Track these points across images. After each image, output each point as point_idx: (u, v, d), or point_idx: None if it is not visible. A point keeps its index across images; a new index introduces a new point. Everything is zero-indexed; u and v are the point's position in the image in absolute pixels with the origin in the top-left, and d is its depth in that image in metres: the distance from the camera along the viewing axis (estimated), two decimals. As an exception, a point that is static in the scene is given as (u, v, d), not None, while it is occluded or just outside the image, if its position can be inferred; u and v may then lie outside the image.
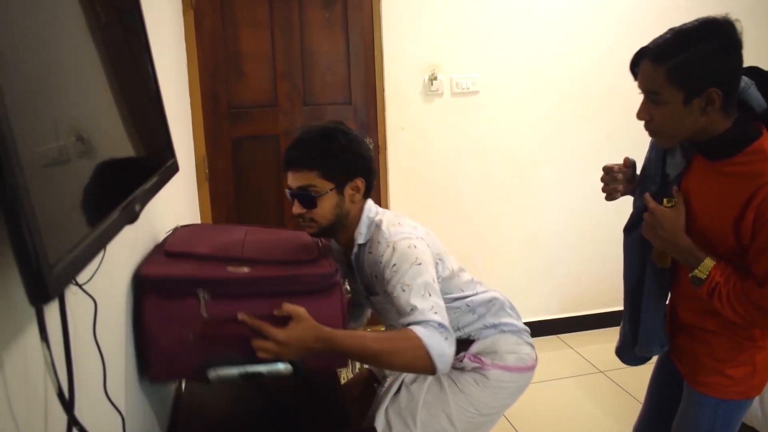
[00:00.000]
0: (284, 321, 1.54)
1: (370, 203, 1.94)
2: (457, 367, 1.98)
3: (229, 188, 3.36)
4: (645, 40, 1.62)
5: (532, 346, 2.08)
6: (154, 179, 1.27)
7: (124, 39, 1.38)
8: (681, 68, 1.49)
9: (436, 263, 1.85)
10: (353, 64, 3.38)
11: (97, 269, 1.18)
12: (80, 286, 1.11)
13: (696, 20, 1.50)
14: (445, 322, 1.61)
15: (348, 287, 2.15)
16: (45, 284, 0.67)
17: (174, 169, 1.46)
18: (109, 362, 1.29)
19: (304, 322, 1.53)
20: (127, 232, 1.13)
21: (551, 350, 3.79)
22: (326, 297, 1.66)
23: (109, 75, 1.16)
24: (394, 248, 1.74)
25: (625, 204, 3.96)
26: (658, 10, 3.70)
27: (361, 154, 1.86)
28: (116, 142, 1.15)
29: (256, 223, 3.44)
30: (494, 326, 2.01)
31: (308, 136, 1.83)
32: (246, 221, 3.42)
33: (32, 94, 0.79)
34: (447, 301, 1.86)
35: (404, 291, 1.65)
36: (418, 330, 1.56)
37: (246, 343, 1.51)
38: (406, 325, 1.60)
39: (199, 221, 3.32)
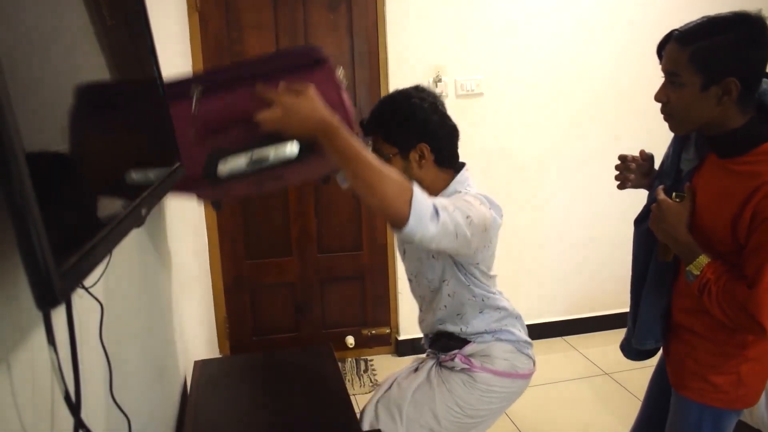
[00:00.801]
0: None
1: (465, 175, 1.90)
2: (447, 366, 2.00)
3: (234, 190, 3.38)
4: (652, 42, 1.62)
5: (530, 358, 2.06)
6: (161, 183, 1.27)
7: (130, 41, 1.38)
8: (704, 52, 1.49)
9: (485, 246, 1.84)
10: (358, 66, 3.38)
11: (103, 272, 1.18)
12: (87, 290, 1.11)
13: (731, 12, 1.50)
14: (446, 214, 1.56)
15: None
16: (53, 289, 0.68)
17: (180, 172, 1.46)
18: (115, 365, 1.29)
19: (311, 97, 1.46)
20: (133, 235, 1.13)
21: (556, 352, 3.79)
22: (317, 71, 1.59)
23: (114, 78, 1.16)
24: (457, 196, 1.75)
25: (632, 206, 3.96)
26: (665, 12, 3.69)
27: (424, 119, 1.82)
28: (122, 145, 1.15)
29: (258, 215, 3.45)
30: (493, 333, 2.00)
31: (380, 101, 1.86)
32: (252, 224, 3.42)
33: (38, 96, 0.79)
34: (469, 289, 1.90)
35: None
36: (415, 187, 1.50)
37: (249, 128, 1.47)
38: None
39: (204, 223, 3.33)
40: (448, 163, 1.90)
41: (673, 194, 1.67)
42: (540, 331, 3.91)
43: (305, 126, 1.44)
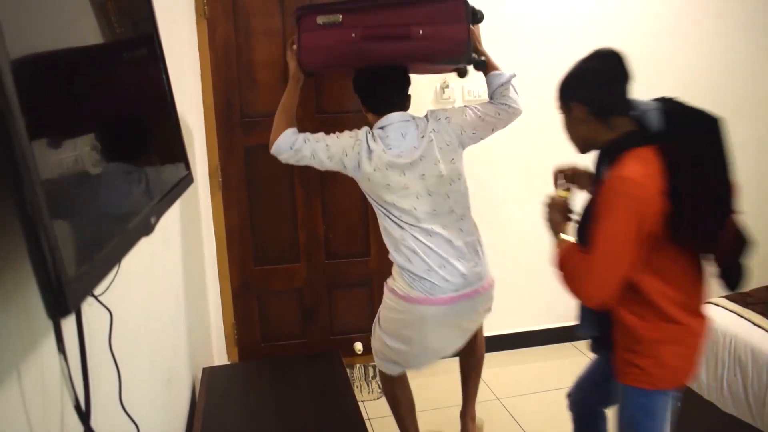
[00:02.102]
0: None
1: (380, 121, 2.43)
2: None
3: (242, 196, 3.37)
4: (655, 47, 1.62)
5: (412, 288, 2.38)
6: (170, 191, 1.27)
7: (139, 48, 1.39)
8: (561, 84, 1.84)
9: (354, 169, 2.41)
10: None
11: (112, 280, 1.19)
12: (96, 298, 1.12)
13: (594, 49, 1.83)
14: (305, 144, 2.42)
15: None
16: (64, 298, 0.68)
17: (189, 181, 1.47)
18: (124, 372, 1.29)
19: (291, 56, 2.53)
20: (142, 243, 1.14)
21: (565, 358, 3.77)
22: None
23: (124, 86, 1.17)
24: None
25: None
26: (668, 16, 3.68)
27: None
28: (132, 154, 1.16)
29: (266, 227, 3.45)
30: (395, 257, 2.44)
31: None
32: (260, 230, 3.42)
33: (48, 104, 0.80)
34: (378, 215, 2.47)
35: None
36: (288, 130, 2.46)
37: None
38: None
39: (212, 230, 3.33)
40: (374, 110, 2.45)
41: (559, 190, 1.93)
42: (548, 336, 3.89)
43: (290, 70, 2.55)
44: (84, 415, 0.98)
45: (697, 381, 2.62)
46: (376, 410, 3.27)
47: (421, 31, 2.34)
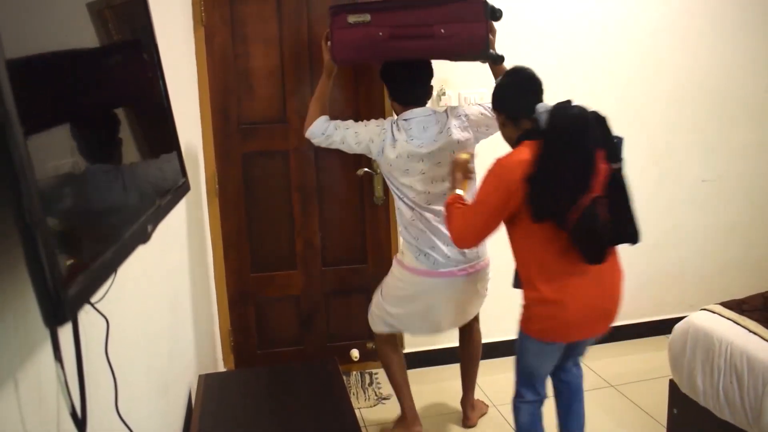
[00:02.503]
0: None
1: (404, 114, 2.69)
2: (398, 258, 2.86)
3: (239, 203, 3.37)
4: (657, 55, 1.62)
5: (420, 262, 2.69)
6: (166, 199, 1.28)
7: (136, 55, 1.40)
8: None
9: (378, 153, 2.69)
10: (361, 80, 3.39)
11: (109, 288, 1.19)
12: (92, 305, 1.12)
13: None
14: (336, 131, 2.69)
15: None
16: (61, 306, 0.68)
17: (185, 188, 1.47)
18: (120, 380, 1.29)
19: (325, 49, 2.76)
20: (138, 249, 1.14)
21: (561, 365, 3.78)
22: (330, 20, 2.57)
23: (121, 92, 1.17)
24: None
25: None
26: (669, 26, 3.70)
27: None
28: (128, 162, 1.16)
29: (266, 234, 3.45)
30: (404, 233, 2.75)
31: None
32: (256, 237, 3.42)
33: (45, 112, 0.80)
34: (392, 190, 2.76)
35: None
36: (321, 117, 2.72)
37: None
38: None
39: (209, 236, 3.33)
40: (401, 101, 2.73)
41: (463, 153, 2.50)
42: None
43: (324, 62, 2.77)
44: (80, 422, 0.98)
45: (693, 387, 2.63)
46: (372, 417, 3.27)
47: (443, 30, 2.55)
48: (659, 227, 3.95)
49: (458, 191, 2.38)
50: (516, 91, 2.28)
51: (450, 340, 3.33)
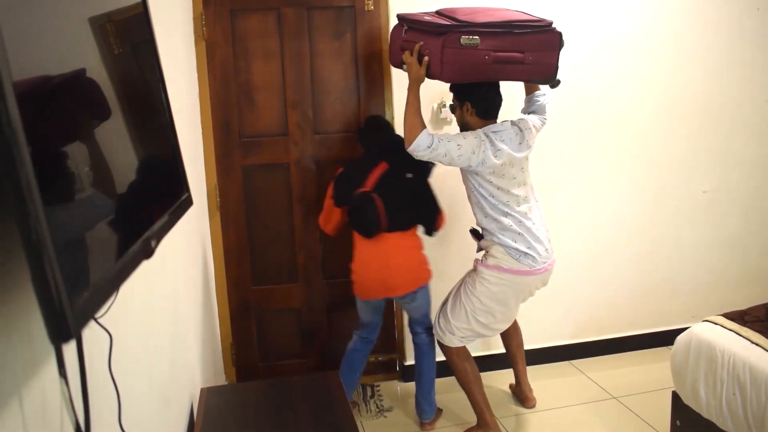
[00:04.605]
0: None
1: (493, 127, 2.89)
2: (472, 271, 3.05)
3: (240, 216, 3.38)
4: (656, 68, 1.63)
5: (520, 262, 2.88)
6: (169, 214, 1.28)
7: (138, 70, 1.40)
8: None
9: (480, 163, 2.82)
10: (363, 94, 3.39)
11: (112, 302, 1.19)
12: (96, 320, 1.12)
13: None
14: (440, 144, 2.77)
15: None
16: (66, 324, 0.69)
17: (188, 203, 1.47)
18: (123, 394, 1.29)
19: (419, 67, 2.79)
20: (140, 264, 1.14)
21: (563, 376, 3.77)
22: (437, 38, 2.69)
23: (123, 108, 1.18)
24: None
25: (638, 232, 3.94)
26: (667, 35, 3.72)
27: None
28: (132, 178, 1.17)
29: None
30: (494, 235, 2.91)
31: None
32: (257, 249, 3.42)
33: (50, 131, 0.81)
34: (477, 194, 2.92)
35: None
36: (424, 131, 2.80)
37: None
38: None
39: (210, 249, 3.34)
40: (483, 115, 2.94)
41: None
42: (546, 355, 3.89)
43: (409, 75, 2.85)
44: (84, 438, 0.98)
45: (695, 399, 2.62)
46: (374, 430, 3.26)
47: (531, 57, 2.80)
48: (660, 238, 3.95)
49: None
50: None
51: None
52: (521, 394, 3.46)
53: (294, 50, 3.29)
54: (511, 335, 3.42)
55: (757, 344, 2.47)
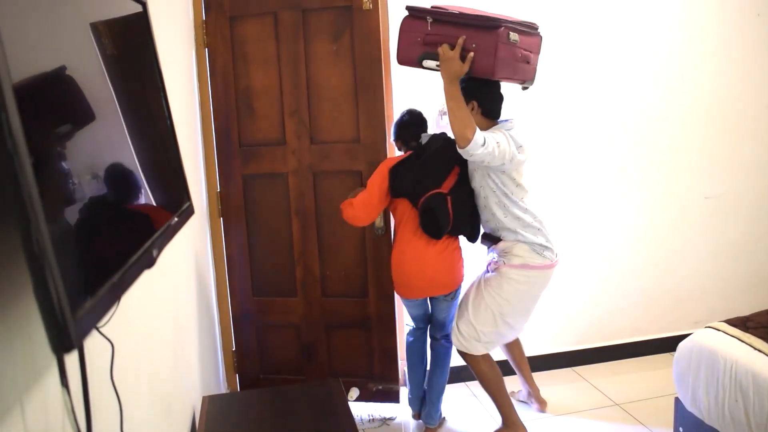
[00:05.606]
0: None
1: (506, 125, 2.88)
2: (488, 274, 3.02)
3: (241, 225, 3.35)
4: (660, 74, 1.63)
5: (545, 257, 2.92)
6: (171, 223, 1.28)
7: (140, 78, 1.41)
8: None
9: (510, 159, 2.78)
10: (361, 100, 3.28)
11: (114, 312, 1.19)
12: (98, 330, 1.12)
13: None
14: (489, 140, 2.67)
15: None
16: (68, 334, 0.69)
17: (190, 212, 1.47)
18: (125, 403, 1.29)
19: (460, 63, 2.67)
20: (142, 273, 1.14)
21: (566, 383, 3.76)
22: (491, 32, 2.61)
23: (125, 117, 1.18)
24: None
25: (641, 239, 3.94)
26: (672, 45, 3.72)
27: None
28: (134, 187, 1.17)
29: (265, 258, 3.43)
30: (514, 233, 2.91)
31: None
32: (258, 259, 3.38)
33: (51, 140, 0.81)
34: (496, 194, 2.90)
35: None
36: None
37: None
38: None
39: (210, 257, 3.33)
40: (490, 115, 2.92)
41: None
42: (548, 362, 3.88)
43: (447, 71, 2.70)
44: (86, 448, 0.98)
45: (698, 406, 2.61)
46: (376, 438, 3.25)
47: (533, 58, 2.87)
48: (663, 244, 3.95)
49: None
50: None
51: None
52: (537, 399, 3.47)
53: (291, 54, 3.21)
54: (513, 342, 3.39)
55: (760, 351, 2.46)
